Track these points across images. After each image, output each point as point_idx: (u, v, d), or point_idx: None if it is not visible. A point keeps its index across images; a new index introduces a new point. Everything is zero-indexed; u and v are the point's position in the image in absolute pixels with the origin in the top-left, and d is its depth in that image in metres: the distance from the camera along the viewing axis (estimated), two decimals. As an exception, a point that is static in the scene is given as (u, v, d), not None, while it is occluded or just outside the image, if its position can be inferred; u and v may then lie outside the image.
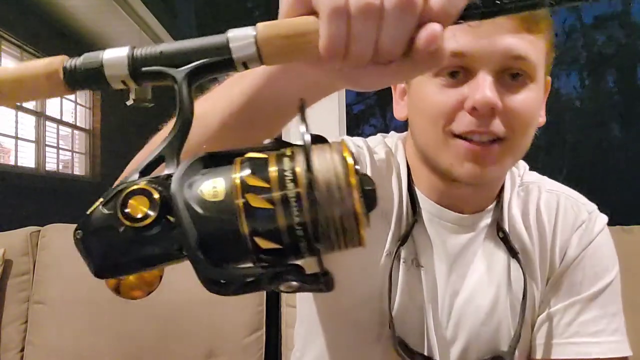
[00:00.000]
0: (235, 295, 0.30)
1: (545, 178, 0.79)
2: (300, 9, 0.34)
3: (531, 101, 0.65)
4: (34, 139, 4.42)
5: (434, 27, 0.33)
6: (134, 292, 0.34)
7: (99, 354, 1.49)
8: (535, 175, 0.79)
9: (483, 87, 0.62)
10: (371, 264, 0.72)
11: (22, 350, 1.53)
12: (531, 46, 0.63)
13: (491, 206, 0.75)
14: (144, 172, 0.31)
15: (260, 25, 0.33)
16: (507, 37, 0.62)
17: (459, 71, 0.64)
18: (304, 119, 0.29)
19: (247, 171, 0.28)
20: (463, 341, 0.73)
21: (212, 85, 0.46)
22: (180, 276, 1.66)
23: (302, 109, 0.30)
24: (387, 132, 0.81)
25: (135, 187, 0.29)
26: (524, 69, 0.64)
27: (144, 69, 0.33)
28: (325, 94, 0.44)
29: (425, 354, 0.72)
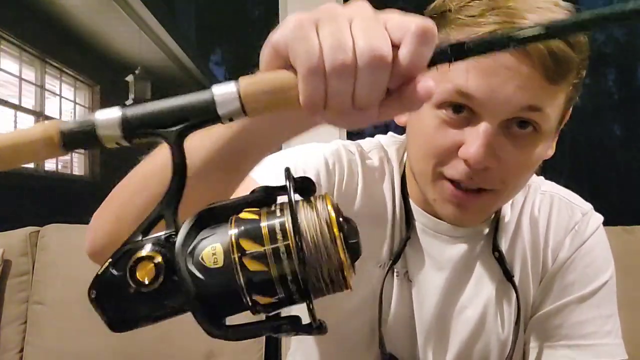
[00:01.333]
0: (237, 340, 0.33)
1: (541, 178, 0.78)
2: (279, 63, 0.36)
3: (534, 157, 0.62)
4: (33, 139, 4.40)
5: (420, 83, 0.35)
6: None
7: (98, 354, 1.48)
8: (532, 177, 0.78)
9: (481, 142, 0.57)
10: (363, 274, 0.70)
11: (22, 350, 1.52)
12: (550, 98, 0.58)
13: (487, 219, 0.73)
14: (145, 231, 0.34)
15: (242, 80, 0.35)
16: (523, 89, 0.56)
17: (464, 108, 0.59)
18: (290, 186, 0.33)
19: (242, 233, 0.32)
20: (453, 353, 0.73)
21: None
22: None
23: (288, 176, 0.33)
24: (387, 132, 0.80)
25: (141, 254, 0.32)
26: (536, 120, 0.59)
27: (136, 131, 0.34)
28: (306, 129, 0.45)
29: None
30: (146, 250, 0.32)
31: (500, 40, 0.35)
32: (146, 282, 0.31)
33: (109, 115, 0.34)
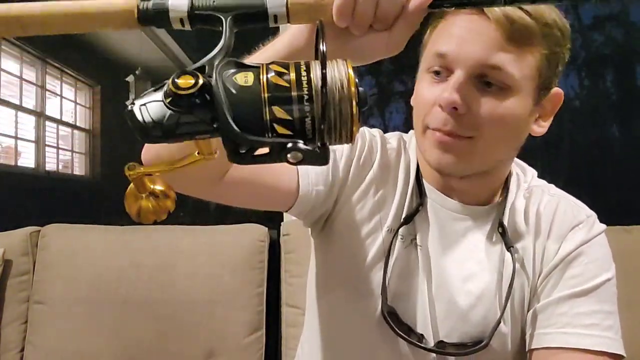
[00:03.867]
0: (249, 164, 0.36)
1: (552, 185, 0.83)
2: None
3: (505, 109, 0.68)
4: (34, 139, 4.41)
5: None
6: (151, 216, 0.39)
7: (99, 354, 1.49)
8: (542, 181, 0.84)
9: (450, 87, 0.67)
10: (375, 235, 0.77)
11: (22, 350, 1.53)
12: (512, 59, 0.66)
13: (494, 202, 0.79)
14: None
15: None
16: (486, 47, 0.66)
17: (442, 71, 0.70)
18: (323, 38, 0.37)
19: (272, 73, 0.36)
20: (452, 321, 0.75)
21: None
22: (180, 276, 1.66)
23: (321, 28, 0.38)
24: (386, 132, 0.86)
25: (185, 70, 0.35)
26: (498, 78, 0.67)
27: (197, 12, 0.41)
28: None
29: (417, 329, 0.75)
30: (189, 69, 0.36)
31: None
32: (188, 84, 0.34)
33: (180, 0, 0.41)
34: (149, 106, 0.36)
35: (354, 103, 0.36)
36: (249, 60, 0.50)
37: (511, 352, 0.77)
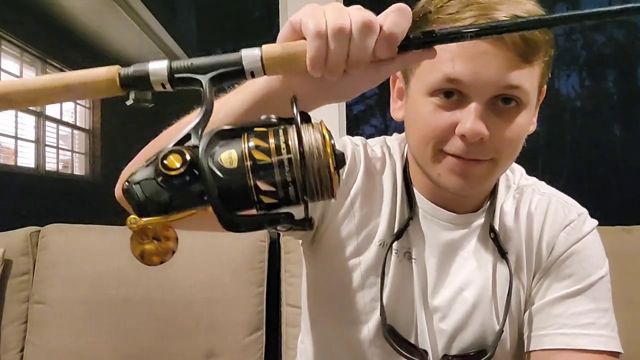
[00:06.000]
0: (243, 232, 0.39)
1: (542, 182, 0.82)
2: (294, 36, 0.47)
3: (520, 127, 0.68)
4: (34, 139, 4.41)
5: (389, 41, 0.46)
6: (154, 258, 0.41)
7: (99, 354, 1.49)
8: (532, 179, 0.83)
9: (474, 118, 0.64)
10: (365, 251, 0.76)
11: (22, 350, 1.53)
12: (527, 75, 0.65)
13: (484, 207, 0.78)
14: (176, 145, 0.40)
15: (264, 46, 0.46)
16: (502, 69, 0.63)
17: (454, 93, 0.66)
18: (295, 107, 0.39)
19: (252, 143, 0.38)
20: (450, 332, 0.75)
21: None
22: (180, 276, 1.66)
23: (294, 101, 0.39)
24: (387, 132, 0.85)
25: (172, 149, 0.38)
26: (517, 95, 0.66)
27: (177, 75, 0.43)
28: (314, 106, 0.54)
29: (413, 342, 0.75)
30: (176, 148, 0.38)
31: (457, 33, 0.47)
32: (176, 166, 0.37)
33: (159, 64, 0.43)
34: (143, 184, 0.38)
35: (332, 168, 0.38)
36: (226, 103, 0.53)
37: (510, 354, 0.77)
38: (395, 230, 0.76)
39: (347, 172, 0.76)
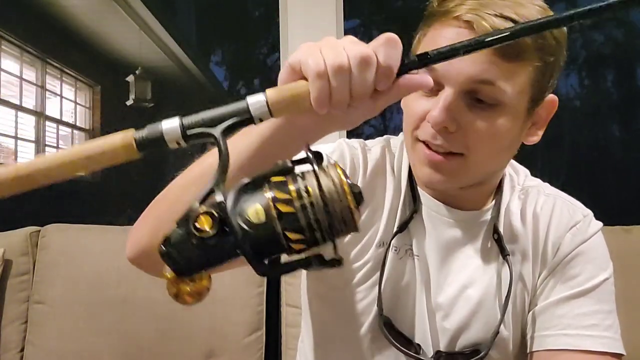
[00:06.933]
0: (279, 276, 0.41)
1: (546, 184, 0.82)
2: (294, 76, 0.49)
3: (496, 128, 0.67)
4: (34, 139, 4.41)
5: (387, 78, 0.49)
6: (187, 298, 0.42)
7: (99, 354, 1.49)
8: (536, 180, 0.83)
9: (441, 106, 0.65)
10: (366, 252, 0.76)
11: (22, 350, 1.53)
12: (505, 74, 0.64)
13: (489, 206, 0.78)
14: (202, 202, 0.41)
15: (268, 91, 0.47)
16: (477, 63, 0.64)
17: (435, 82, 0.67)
18: (309, 156, 0.42)
19: (274, 195, 0.40)
20: (453, 330, 0.75)
21: None
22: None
23: (308, 149, 0.42)
24: (386, 132, 0.85)
25: (202, 210, 0.40)
26: (490, 94, 0.65)
27: (189, 131, 0.45)
28: (320, 136, 0.56)
29: (416, 340, 0.75)
30: (204, 208, 0.40)
31: (450, 51, 0.49)
32: (207, 228, 0.39)
33: (171, 123, 0.44)
34: (179, 248, 0.40)
35: (352, 207, 0.40)
36: (235, 147, 0.53)
37: (513, 354, 0.77)
38: (397, 226, 0.76)
39: None
